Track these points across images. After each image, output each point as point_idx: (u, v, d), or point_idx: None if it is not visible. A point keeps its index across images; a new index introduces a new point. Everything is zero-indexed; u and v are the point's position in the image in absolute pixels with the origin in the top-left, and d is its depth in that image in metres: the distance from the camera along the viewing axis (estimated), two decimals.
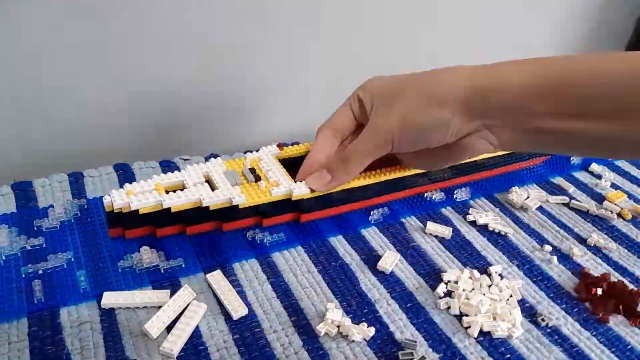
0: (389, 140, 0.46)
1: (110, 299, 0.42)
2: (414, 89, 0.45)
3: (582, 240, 0.55)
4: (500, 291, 0.47)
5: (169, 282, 0.45)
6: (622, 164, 0.69)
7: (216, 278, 0.45)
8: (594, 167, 0.67)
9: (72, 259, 0.46)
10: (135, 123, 0.60)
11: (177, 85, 0.60)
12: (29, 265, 0.45)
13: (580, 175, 0.66)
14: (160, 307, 0.42)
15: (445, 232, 0.53)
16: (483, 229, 0.55)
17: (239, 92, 0.64)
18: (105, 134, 0.60)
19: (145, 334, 0.40)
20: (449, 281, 0.48)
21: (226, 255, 0.49)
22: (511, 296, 0.46)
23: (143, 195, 0.47)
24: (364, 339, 0.42)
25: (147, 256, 0.47)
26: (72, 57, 0.53)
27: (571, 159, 0.67)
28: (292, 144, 0.57)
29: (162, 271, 0.46)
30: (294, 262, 0.49)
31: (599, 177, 0.66)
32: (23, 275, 0.44)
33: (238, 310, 0.42)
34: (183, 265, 0.47)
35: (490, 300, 0.45)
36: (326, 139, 0.50)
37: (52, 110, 0.55)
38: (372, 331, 0.42)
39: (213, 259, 0.48)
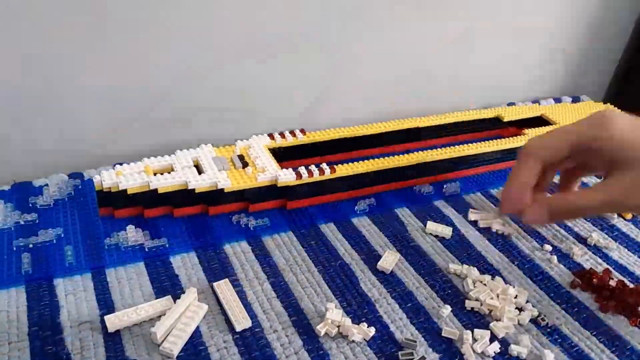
0: (632, 211, 0.46)
1: (114, 321, 0.40)
2: None
3: (582, 240, 0.55)
4: (503, 293, 0.47)
5: (153, 260, 0.47)
6: None
7: (222, 287, 0.45)
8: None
9: (62, 235, 0.48)
10: (135, 123, 0.60)
11: (177, 86, 0.60)
12: (20, 239, 0.47)
13: None
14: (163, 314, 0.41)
15: (446, 231, 0.53)
16: (483, 229, 0.55)
17: (239, 93, 0.63)
18: (105, 134, 0.59)
19: (145, 334, 0.40)
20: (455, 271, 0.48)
21: (210, 237, 0.50)
22: (516, 297, 0.46)
23: (132, 176, 0.49)
24: (364, 339, 0.42)
25: (133, 235, 0.48)
26: (72, 58, 0.53)
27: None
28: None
29: (147, 250, 0.48)
30: (284, 248, 0.49)
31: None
32: (14, 248, 0.46)
33: (242, 322, 0.42)
34: (167, 245, 0.48)
35: (491, 301, 0.45)
36: (532, 166, 0.43)
37: (52, 111, 0.55)
38: (372, 331, 0.42)
39: (197, 240, 0.49)
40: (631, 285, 0.49)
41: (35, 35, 0.51)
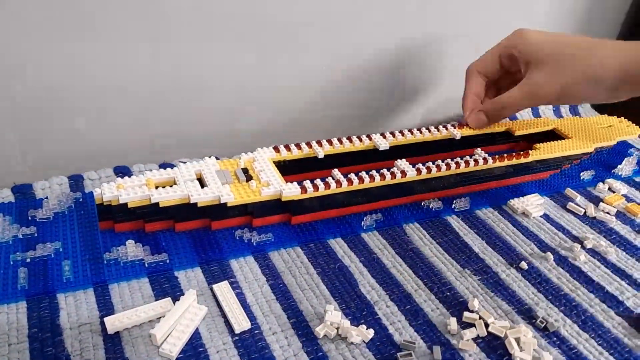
0: (544, 101, 0.54)
1: (114, 322, 0.40)
2: (571, 62, 0.51)
3: (580, 243, 0.55)
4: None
5: (154, 276, 0.46)
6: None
7: (222, 289, 0.45)
8: (610, 181, 0.65)
9: (61, 249, 0.47)
10: (136, 125, 0.60)
11: (178, 88, 0.60)
12: (18, 253, 0.46)
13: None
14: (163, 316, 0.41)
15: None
16: (482, 231, 0.55)
17: (240, 95, 0.64)
18: (105, 137, 0.60)
19: (145, 336, 0.40)
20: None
21: (212, 253, 0.49)
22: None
23: (132, 189, 0.48)
24: (363, 341, 0.42)
25: (132, 250, 0.47)
26: (71, 59, 0.53)
27: (581, 174, 0.66)
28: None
29: (146, 265, 0.47)
30: (287, 262, 0.49)
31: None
32: (11, 263, 0.45)
33: (241, 324, 0.42)
34: (167, 261, 0.47)
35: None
36: (477, 80, 0.59)
37: (52, 113, 0.55)
38: (371, 333, 0.42)
39: (199, 256, 0.49)
40: None
41: (33, 36, 0.51)
